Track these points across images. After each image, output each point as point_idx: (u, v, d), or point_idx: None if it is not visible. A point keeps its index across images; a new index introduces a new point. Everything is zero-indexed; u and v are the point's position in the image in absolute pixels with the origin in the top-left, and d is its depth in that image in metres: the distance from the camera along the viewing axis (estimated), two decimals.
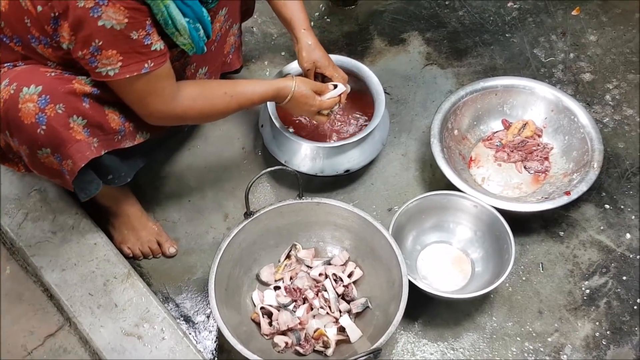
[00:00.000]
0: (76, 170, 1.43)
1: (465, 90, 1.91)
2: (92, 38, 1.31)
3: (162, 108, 1.46)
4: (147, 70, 1.38)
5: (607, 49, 2.18)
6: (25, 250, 1.64)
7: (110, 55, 1.33)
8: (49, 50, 1.41)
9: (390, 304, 1.52)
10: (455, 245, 1.74)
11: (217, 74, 1.81)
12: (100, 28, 1.29)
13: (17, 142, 1.43)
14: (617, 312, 1.66)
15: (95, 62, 1.34)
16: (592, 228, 1.80)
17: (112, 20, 1.29)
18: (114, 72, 1.35)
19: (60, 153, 1.42)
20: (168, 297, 1.69)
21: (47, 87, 1.37)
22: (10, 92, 1.37)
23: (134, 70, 1.36)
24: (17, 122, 1.38)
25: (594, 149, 1.80)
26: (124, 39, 1.32)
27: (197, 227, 1.81)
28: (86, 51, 1.33)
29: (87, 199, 1.56)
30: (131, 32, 1.32)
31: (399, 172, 1.92)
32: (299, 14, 1.71)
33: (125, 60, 1.35)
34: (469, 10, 2.29)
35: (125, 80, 1.37)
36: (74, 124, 1.40)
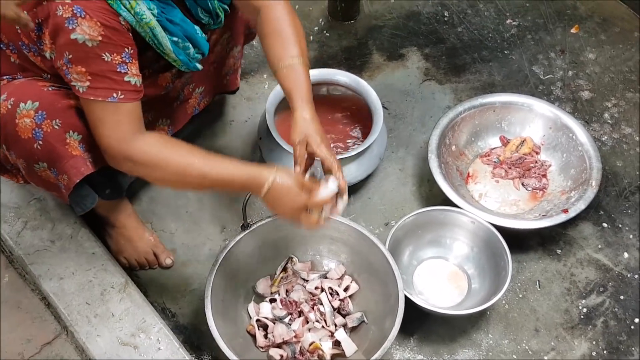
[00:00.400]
0: (71, 186, 1.45)
1: (463, 106, 1.94)
2: (65, 49, 1.29)
3: (114, 144, 1.35)
4: (115, 100, 1.33)
5: (605, 67, 2.21)
6: (24, 259, 1.66)
7: (79, 71, 1.31)
8: (38, 59, 1.43)
9: (386, 318, 1.53)
10: (451, 261, 1.76)
11: (212, 94, 1.83)
12: (72, 41, 1.28)
13: (14, 155, 1.45)
14: (614, 331, 1.68)
15: (69, 74, 1.32)
16: (590, 246, 1.83)
17: (85, 35, 1.27)
18: (82, 90, 1.33)
19: (56, 168, 1.44)
20: (164, 307, 1.71)
21: (43, 103, 1.39)
22: (8, 107, 1.39)
23: (99, 96, 1.32)
24: (15, 136, 1.40)
25: (592, 167, 1.83)
26: (94, 58, 1.30)
27: (194, 238, 1.83)
28: (62, 62, 1.32)
29: (83, 213, 1.59)
30: (103, 52, 1.30)
31: (396, 187, 1.94)
32: (302, 85, 1.51)
33: (93, 82, 1.32)
34: (468, 27, 2.33)
35: (89, 102, 1.34)
36: (70, 140, 1.42)
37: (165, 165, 1.37)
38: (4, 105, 1.40)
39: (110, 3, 1.30)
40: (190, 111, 1.77)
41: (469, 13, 2.36)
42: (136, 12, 1.33)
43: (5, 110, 1.39)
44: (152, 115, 1.64)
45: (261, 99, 2.09)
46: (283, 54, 1.52)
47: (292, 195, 1.39)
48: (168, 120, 1.69)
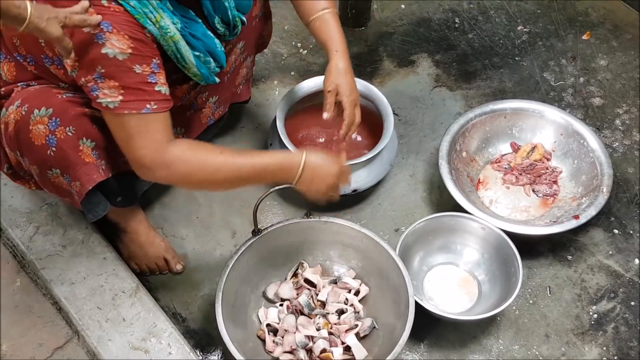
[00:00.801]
0: (84, 193, 1.48)
1: (474, 113, 1.96)
2: (96, 64, 1.30)
3: (150, 153, 1.37)
4: (149, 111, 1.36)
5: (617, 74, 2.23)
6: (36, 263, 1.68)
7: (112, 86, 1.32)
8: (61, 72, 1.45)
9: (396, 324, 1.55)
10: (462, 267, 1.78)
11: (227, 103, 1.85)
12: (103, 55, 1.29)
13: (27, 161, 1.48)
14: (624, 337, 1.69)
15: (97, 90, 1.32)
16: (601, 253, 1.84)
17: (116, 49, 1.29)
18: (113, 105, 1.33)
19: (69, 174, 1.46)
20: (175, 312, 1.74)
21: (57, 110, 1.41)
22: (22, 114, 1.41)
23: (133, 108, 1.34)
24: (28, 143, 1.42)
25: (604, 173, 1.84)
26: (126, 71, 1.32)
27: (204, 243, 1.86)
28: (89, 77, 1.32)
29: (94, 220, 1.62)
30: (134, 64, 1.32)
31: (406, 193, 1.96)
32: (335, 35, 1.66)
33: (126, 96, 1.33)
34: (479, 34, 2.35)
35: (121, 116, 1.35)
36: (83, 147, 1.44)
37: (203, 167, 1.41)
38: (18, 111, 1.42)
39: (137, 17, 1.32)
40: (205, 121, 1.79)
41: (480, 19, 2.39)
42: (161, 25, 1.35)
43: (19, 117, 1.42)
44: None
45: (272, 105, 2.12)
46: (313, 7, 1.66)
47: (327, 166, 1.48)
48: (183, 129, 1.71)
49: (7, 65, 1.51)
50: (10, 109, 1.44)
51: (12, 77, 1.52)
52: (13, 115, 1.43)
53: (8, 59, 1.51)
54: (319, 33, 1.67)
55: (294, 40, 2.31)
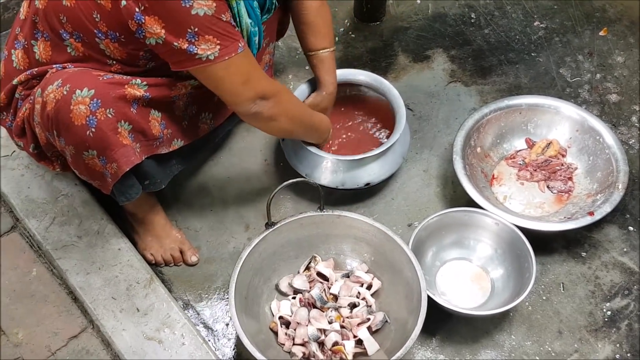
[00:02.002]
0: (120, 174, 1.51)
1: (489, 108, 1.96)
2: (188, 25, 1.36)
3: (266, 84, 1.54)
4: (242, 49, 1.45)
5: (634, 71, 2.22)
6: (52, 254, 1.72)
7: (207, 39, 1.39)
8: (114, 45, 1.47)
9: (409, 318, 1.56)
10: (475, 262, 1.78)
11: None
12: (194, 16, 1.35)
13: (63, 141, 1.49)
14: (638, 334, 1.69)
15: (194, 48, 1.39)
16: (615, 250, 1.84)
17: (203, 7, 1.35)
18: (214, 56, 1.41)
19: (105, 156, 1.49)
20: (189, 303, 1.76)
21: (99, 91, 1.44)
22: (63, 93, 1.43)
23: (231, 51, 1.42)
24: (68, 122, 1.44)
25: (619, 170, 1.84)
26: (216, 22, 1.39)
27: (218, 236, 1.88)
28: (182, 40, 1.38)
29: (127, 202, 1.64)
30: (221, 14, 1.39)
31: (420, 188, 1.97)
32: (329, 75, 1.87)
33: (223, 43, 1.41)
34: (495, 29, 2.35)
35: (226, 63, 1.43)
36: (121, 129, 1.47)
37: (297, 103, 1.73)
38: (60, 91, 1.43)
39: None
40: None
41: (496, 15, 2.39)
42: None
43: (60, 96, 1.43)
44: (195, 109, 1.68)
45: None
46: (316, 44, 1.83)
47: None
48: (210, 114, 1.72)
49: (42, 44, 1.52)
50: (50, 88, 1.45)
51: (47, 57, 1.53)
52: (53, 95, 1.44)
53: (44, 37, 1.52)
54: (315, 68, 1.87)
55: None
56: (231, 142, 2.05)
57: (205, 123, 1.73)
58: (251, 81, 1.50)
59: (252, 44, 1.58)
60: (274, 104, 1.56)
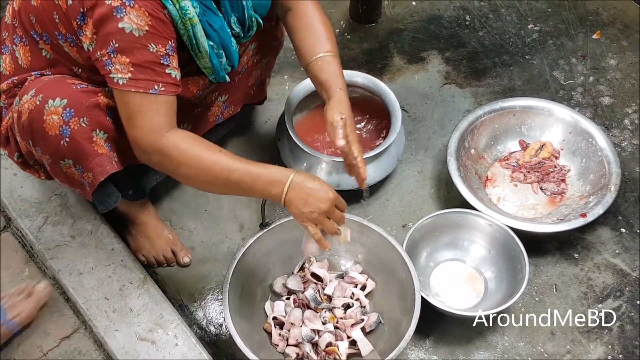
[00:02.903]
0: (96, 184, 1.48)
1: (483, 110, 1.96)
2: (111, 38, 1.30)
3: (148, 135, 1.36)
4: (156, 92, 1.35)
5: (627, 74, 2.22)
6: (44, 253, 1.70)
7: (123, 62, 1.32)
8: (74, 50, 1.44)
9: (402, 319, 1.55)
10: (469, 264, 1.78)
11: (239, 104, 1.82)
12: (119, 30, 1.30)
13: (40, 151, 1.48)
14: (630, 336, 1.69)
15: (110, 65, 1.33)
16: (607, 251, 1.84)
17: (133, 24, 1.30)
18: (122, 82, 1.34)
19: (81, 165, 1.46)
20: (182, 304, 1.75)
21: (72, 100, 1.41)
22: (36, 104, 1.41)
23: (140, 87, 1.34)
24: (42, 132, 1.42)
25: (612, 172, 1.84)
26: (140, 48, 1.32)
27: (212, 236, 1.87)
28: (104, 51, 1.32)
29: (105, 211, 1.62)
30: (149, 42, 1.32)
31: (414, 189, 1.97)
32: (338, 76, 1.59)
33: (135, 74, 1.33)
34: (490, 31, 2.35)
35: (128, 93, 1.35)
36: (96, 138, 1.44)
37: (197, 160, 1.38)
38: (33, 101, 1.42)
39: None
40: (213, 119, 1.76)
41: (490, 17, 2.39)
42: (181, 6, 1.35)
43: (33, 106, 1.42)
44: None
45: (281, 100, 2.12)
46: (317, 48, 1.60)
47: (319, 191, 1.40)
48: (190, 126, 1.69)
49: (22, 48, 1.50)
50: (25, 98, 1.43)
51: (27, 62, 1.51)
52: (27, 105, 1.42)
53: (23, 42, 1.50)
54: (320, 73, 1.59)
55: None
56: (226, 142, 2.04)
57: None
58: (133, 125, 1.36)
59: (216, 65, 1.50)
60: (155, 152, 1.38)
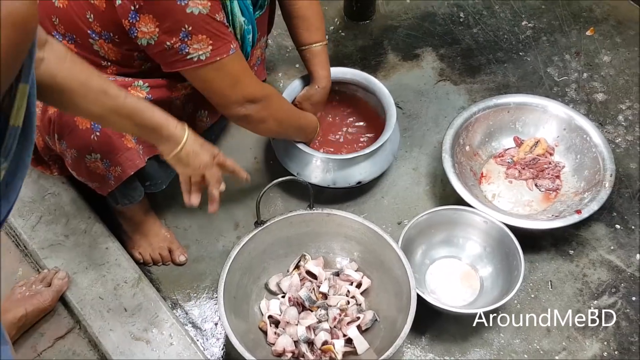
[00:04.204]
0: (124, 177, 1.50)
1: (477, 107, 1.94)
2: (182, 24, 1.35)
3: (255, 88, 1.53)
4: (234, 51, 1.44)
5: (620, 70, 2.21)
6: (38, 253, 1.68)
7: (200, 39, 1.37)
8: (108, 45, 1.45)
9: (398, 317, 1.54)
10: (464, 261, 1.77)
11: None
12: (189, 15, 1.34)
13: (65, 144, 1.48)
14: (625, 332, 1.68)
15: (186, 48, 1.37)
16: (603, 247, 1.83)
17: (198, 6, 1.34)
18: (205, 56, 1.39)
19: (109, 159, 1.47)
20: (177, 303, 1.73)
21: None
22: None
23: (223, 52, 1.41)
24: (72, 126, 1.43)
25: (606, 168, 1.83)
26: (210, 22, 1.37)
27: (207, 235, 1.85)
28: (175, 39, 1.36)
29: (128, 205, 1.62)
30: (215, 14, 1.38)
31: (409, 186, 1.95)
32: (322, 69, 1.81)
33: (215, 43, 1.39)
34: (484, 28, 2.33)
35: (217, 65, 1.41)
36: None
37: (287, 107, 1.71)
38: None
39: None
40: None
41: (484, 14, 2.37)
42: None
43: None
44: (191, 107, 1.66)
45: None
46: (308, 38, 1.78)
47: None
48: (206, 112, 1.71)
49: None
50: None
51: None
52: None
53: None
54: (308, 62, 1.81)
55: None
56: (221, 140, 2.02)
57: (202, 120, 1.71)
58: (240, 84, 1.49)
59: (247, 42, 1.57)
60: (262, 107, 1.55)
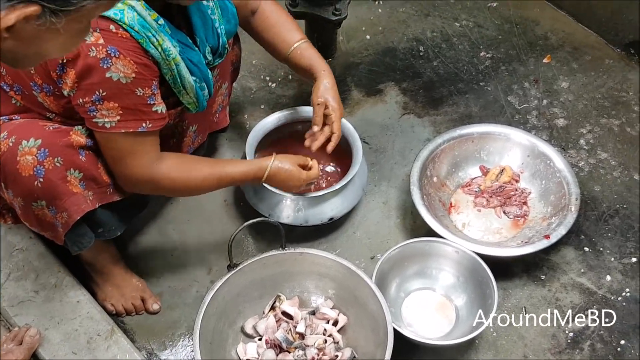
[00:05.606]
0: (71, 223, 1.47)
1: (442, 138, 1.98)
2: (97, 87, 1.35)
3: (140, 171, 1.48)
4: (144, 129, 1.42)
5: (579, 95, 2.27)
6: (8, 310, 1.65)
7: (111, 107, 1.37)
8: (50, 99, 1.45)
9: (376, 352, 1.54)
10: (438, 292, 1.78)
11: (205, 132, 1.85)
12: (107, 79, 1.34)
13: (11, 193, 1.46)
14: (600, 354, 1.70)
15: (95, 111, 1.38)
16: (573, 271, 1.85)
17: (120, 73, 1.34)
18: (110, 125, 1.39)
19: (55, 206, 1.45)
20: (152, 352, 1.70)
21: (46, 141, 1.41)
22: (9, 145, 1.41)
23: (130, 127, 1.40)
24: (15, 174, 1.41)
25: (571, 192, 1.86)
26: (128, 93, 1.37)
27: (180, 281, 1.84)
28: (88, 99, 1.36)
29: (79, 252, 1.59)
30: (136, 87, 1.38)
31: (380, 220, 1.97)
32: (318, 59, 1.79)
33: (124, 116, 1.39)
34: (443, 61, 2.38)
35: (116, 135, 1.41)
36: (71, 177, 1.44)
37: (187, 185, 1.57)
38: (5, 142, 1.41)
39: (141, 42, 1.37)
40: (186, 150, 1.79)
41: (443, 47, 2.42)
42: (163, 48, 1.41)
43: (5, 148, 1.41)
44: None
45: (242, 139, 2.11)
46: (292, 39, 1.79)
47: (294, 174, 1.67)
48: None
49: None
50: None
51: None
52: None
53: None
54: (301, 59, 1.78)
55: (262, 74, 2.33)
56: None
57: None
58: (127, 165, 1.47)
59: (201, 97, 1.58)
60: (150, 183, 1.52)
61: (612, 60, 2.36)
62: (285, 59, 1.81)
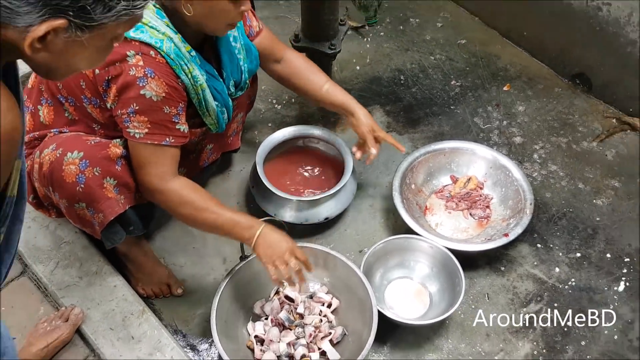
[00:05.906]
0: (105, 223, 1.49)
1: (419, 152, 1.99)
2: (133, 101, 1.37)
3: (155, 180, 1.45)
4: (167, 143, 1.43)
5: (533, 117, 2.28)
6: (57, 293, 1.66)
7: (141, 120, 1.39)
8: (97, 111, 1.47)
9: (363, 330, 1.55)
10: (415, 280, 1.79)
11: (219, 151, 1.86)
12: (141, 96, 1.36)
13: (57, 195, 1.48)
14: (550, 333, 1.71)
15: (129, 122, 1.40)
16: (528, 263, 1.86)
17: (153, 91, 1.36)
18: (139, 135, 1.41)
19: (93, 207, 1.47)
20: (177, 329, 1.71)
21: (87, 153, 1.43)
22: (56, 156, 1.43)
23: (155, 140, 1.42)
24: (60, 180, 1.43)
25: (526, 198, 1.88)
26: (157, 110, 1.38)
27: (200, 270, 1.84)
28: (124, 111, 1.39)
29: (112, 247, 1.60)
30: (165, 106, 1.39)
31: (367, 220, 1.98)
32: (347, 95, 1.79)
33: (152, 129, 1.40)
34: (420, 88, 2.40)
35: (143, 145, 1.42)
36: (107, 184, 1.46)
37: (191, 206, 1.47)
38: (53, 154, 1.44)
39: (174, 68, 1.39)
40: (202, 164, 1.80)
41: (420, 77, 2.44)
42: (193, 75, 1.43)
43: (54, 158, 1.43)
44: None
45: (253, 152, 2.12)
46: (320, 81, 1.79)
47: (280, 241, 1.47)
48: (185, 170, 1.71)
49: (47, 108, 1.52)
50: (45, 151, 1.45)
51: (49, 120, 1.53)
52: (48, 157, 1.44)
53: (48, 103, 1.52)
54: (333, 96, 1.77)
55: (270, 98, 2.34)
56: (207, 188, 2.02)
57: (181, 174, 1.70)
58: (144, 172, 1.45)
59: (221, 120, 1.58)
60: (157, 194, 1.47)
61: (560, 88, 2.38)
62: (318, 100, 1.81)
